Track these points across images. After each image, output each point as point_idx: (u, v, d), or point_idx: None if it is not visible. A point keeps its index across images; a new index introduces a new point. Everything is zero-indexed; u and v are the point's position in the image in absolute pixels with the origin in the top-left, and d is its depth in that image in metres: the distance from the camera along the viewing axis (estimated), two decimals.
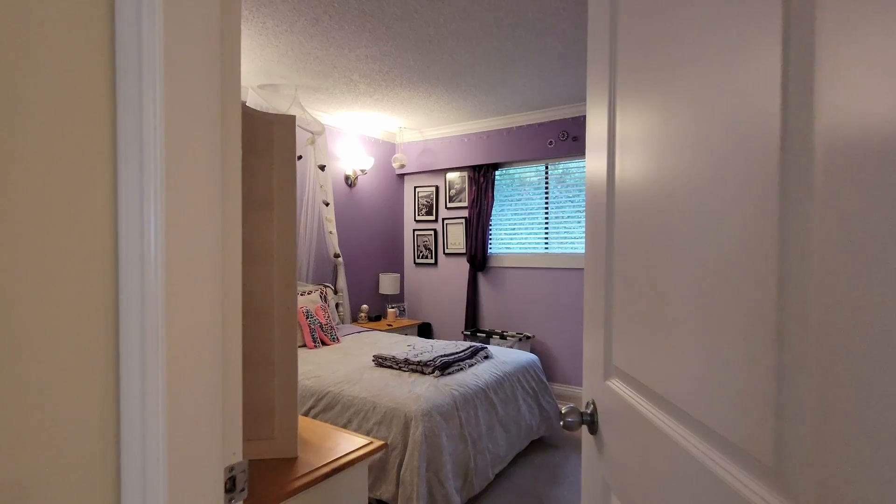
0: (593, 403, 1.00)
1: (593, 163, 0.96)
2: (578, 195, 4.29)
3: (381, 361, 2.89)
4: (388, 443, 2.23)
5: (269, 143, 1.16)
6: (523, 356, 3.26)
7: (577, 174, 4.31)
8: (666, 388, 0.66)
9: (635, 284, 0.77)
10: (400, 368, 2.81)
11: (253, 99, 3.49)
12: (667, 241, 0.65)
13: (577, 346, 4.28)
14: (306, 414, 2.55)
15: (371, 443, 1.25)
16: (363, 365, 2.92)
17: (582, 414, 1.00)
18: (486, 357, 3.11)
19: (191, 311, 0.65)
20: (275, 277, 1.15)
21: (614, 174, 0.86)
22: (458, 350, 3.00)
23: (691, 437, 0.59)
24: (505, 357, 3.16)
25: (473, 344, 3.21)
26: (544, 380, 3.25)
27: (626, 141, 0.80)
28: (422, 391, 2.43)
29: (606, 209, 0.90)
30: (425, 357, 2.81)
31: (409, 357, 2.82)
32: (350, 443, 1.25)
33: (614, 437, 0.89)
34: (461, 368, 2.84)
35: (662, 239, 0.66)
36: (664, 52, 0.65)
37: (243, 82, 3.49)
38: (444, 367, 2.73)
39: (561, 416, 0.98)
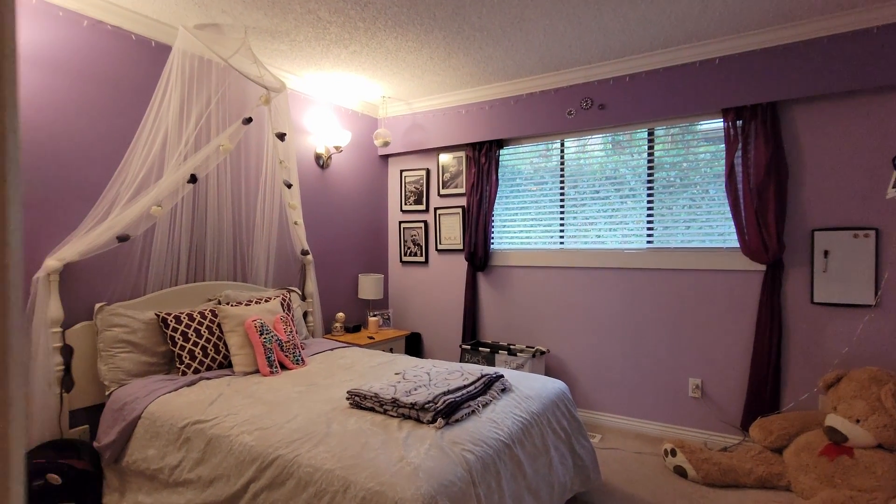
0: None
1: None
2: (600, 178, 3.49)
3: (358, 402, 2.04)
4: None
5: None
6: (549, 386, 2.44)
7: (602, 152, 3.50)
8: None
9: None
10: (386, 413, 1.97)
11: (186, 43, 2.60)
12: None
13: (601, 362, 3.48)
14: (244, 491, 1.69)
15: None
16: (333, 404, 2.07)
17: None
18: (504, 389, 2.29)
19: None
20: None
21: None
22: (466, 383, 2.16)
23: None
24: (528, 389, 2.34)
25: (485, 371, 2.38)
26: (577, 416, 2.44)
27: None
28: (420, 458, 1.59)
29: None
30: (421, 395, 1.98)
31: (398, 396, 1.97)
32: None
33: None
34: (473, 411, 2.01)
35: None
36: None
37: (169, 20, 2.59)
38: (450, 411, 1.90)
39: None
